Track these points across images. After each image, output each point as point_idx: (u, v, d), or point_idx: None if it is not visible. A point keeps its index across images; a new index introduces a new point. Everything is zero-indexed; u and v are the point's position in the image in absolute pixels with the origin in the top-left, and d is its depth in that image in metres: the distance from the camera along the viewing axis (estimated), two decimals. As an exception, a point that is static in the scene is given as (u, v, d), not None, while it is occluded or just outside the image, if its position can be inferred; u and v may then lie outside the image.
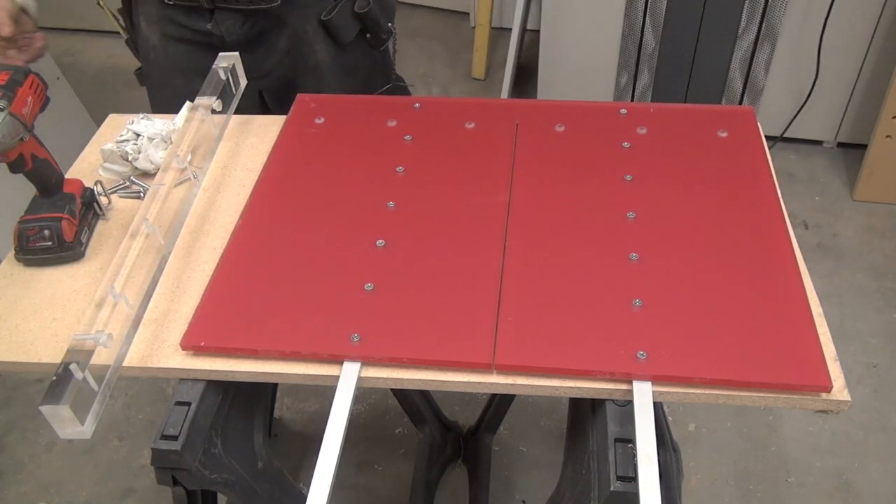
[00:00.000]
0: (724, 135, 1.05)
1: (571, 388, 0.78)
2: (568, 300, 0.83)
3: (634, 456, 0.73)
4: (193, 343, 0.82)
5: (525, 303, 0.83)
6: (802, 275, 0.85)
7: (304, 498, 0.71)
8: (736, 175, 0.99)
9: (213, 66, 1.12)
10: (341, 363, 0.80)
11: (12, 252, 0.95)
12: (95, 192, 1.00)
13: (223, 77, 1.12)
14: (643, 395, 0.75)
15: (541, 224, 0.93)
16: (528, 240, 0.91)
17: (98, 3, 1.33)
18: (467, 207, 0.96)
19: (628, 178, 0.99)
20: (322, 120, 1.11)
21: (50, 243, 0.92)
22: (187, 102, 1.11)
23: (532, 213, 0.95)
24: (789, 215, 0.93)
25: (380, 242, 0.92)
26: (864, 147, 2.19)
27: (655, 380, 0.76)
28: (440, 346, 0.80)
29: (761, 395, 0.75)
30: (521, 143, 1.06)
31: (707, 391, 0.76)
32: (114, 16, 1.33)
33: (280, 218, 0.97)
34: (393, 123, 1.09)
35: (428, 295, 0.85)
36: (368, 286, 0.86)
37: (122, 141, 1.07)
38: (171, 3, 1.22)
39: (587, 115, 1.10)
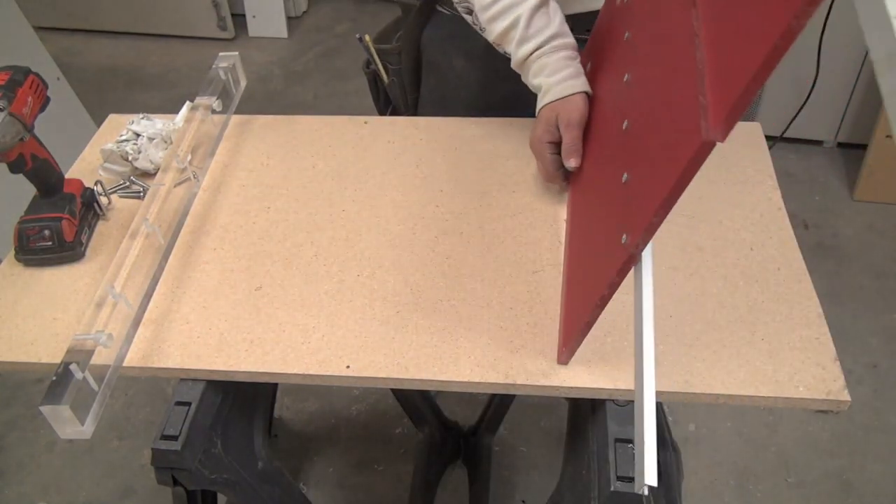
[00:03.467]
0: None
1: (571, 388, 0.77)
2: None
3: (634, 456, 0.73)
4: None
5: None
6: (803, 274, 0.84)
7: (304, 497, 0.71)
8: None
9: (213, 66, 1.13)
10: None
11: (12, 252, 0.95)
12: (95, 192, 1.00)
13: (223, 77, 1.12)
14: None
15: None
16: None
17: (359, 39, 1.22)
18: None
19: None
20: None
21: (50, 243, 0.92)
22: (187, 102, 1.11)
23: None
24: (789, 215, 0.93)
25: None
26: (864, 147, 2.19)
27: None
28: None
29: (762, 395, 0.75)
30: None
31: (707, 391, 0.76)
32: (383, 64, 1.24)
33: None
34: None
35: None
36: None
37: (122, 141, 1.07)
38: None
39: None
